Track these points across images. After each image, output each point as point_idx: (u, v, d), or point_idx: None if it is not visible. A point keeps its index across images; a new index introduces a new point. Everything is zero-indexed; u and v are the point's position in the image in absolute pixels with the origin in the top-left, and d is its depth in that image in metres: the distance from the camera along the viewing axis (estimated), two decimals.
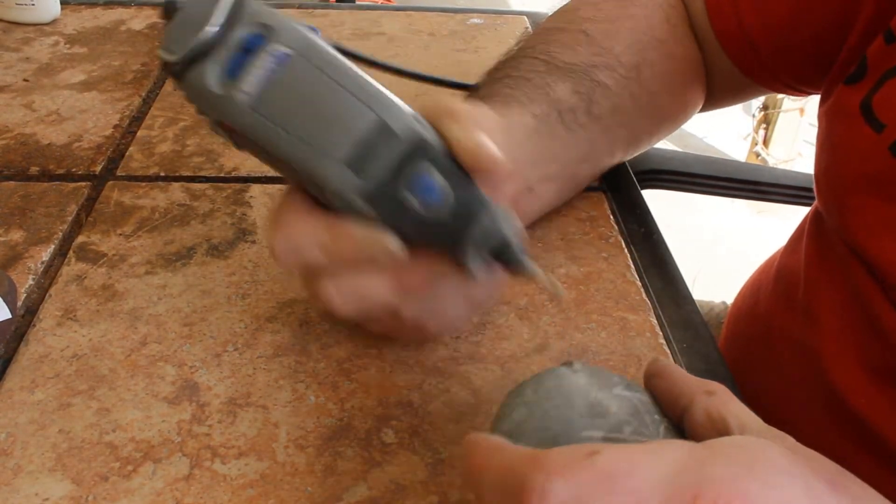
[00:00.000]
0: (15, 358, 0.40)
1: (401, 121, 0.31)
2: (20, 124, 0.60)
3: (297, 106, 0.31)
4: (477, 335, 0.43)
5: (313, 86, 0.31)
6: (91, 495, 0.34)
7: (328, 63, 0.32)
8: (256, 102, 0.31)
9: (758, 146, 2.36)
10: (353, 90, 0.31)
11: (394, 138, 0.31)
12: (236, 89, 0.31)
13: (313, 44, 0.32)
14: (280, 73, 0.31)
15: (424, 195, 0.32)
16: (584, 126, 0.49)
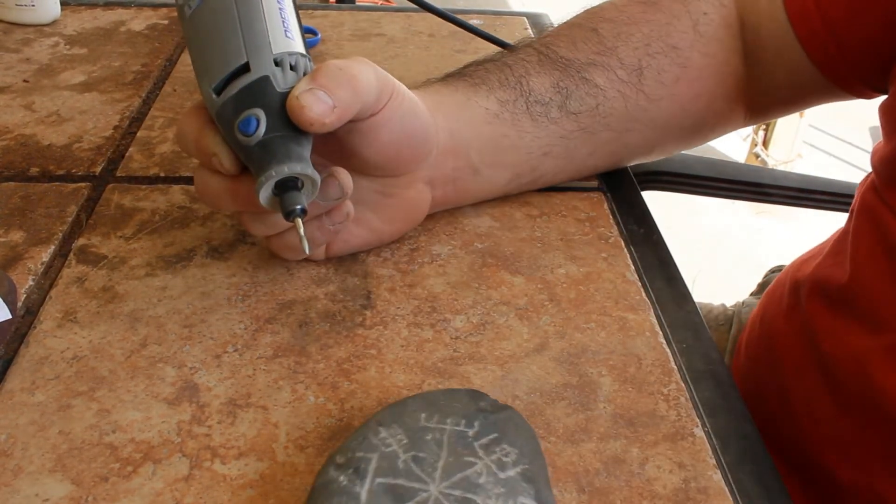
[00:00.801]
0: (15, 359, 0.40)
1: (260, 61, 0.38)
2: (20, 125, 0.60)
3: (207, 25, 0.39)
4: (477, 335, 0.43)
5: (223, 16, 0.39)
6: (91, 496, 0.34)
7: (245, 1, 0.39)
8: (191, 18, 0.40)
9: (757, 147, 2.36)
10: (244, 23, 0.38)
11: (246, 75, 0.38)
12: (186, 2, 0.40)
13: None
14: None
15: (243, 127, 0.37)
16: (555, 121, 0.49)
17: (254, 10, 0.39)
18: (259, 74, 0.38)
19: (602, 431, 0.38)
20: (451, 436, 0.32)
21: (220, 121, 0.38)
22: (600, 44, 0.51)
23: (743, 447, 0.38)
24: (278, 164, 0.37)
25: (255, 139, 0.37)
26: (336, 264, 0.47)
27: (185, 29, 0.41)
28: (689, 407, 0.39)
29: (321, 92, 0.37)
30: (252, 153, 0.38)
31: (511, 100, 0.48)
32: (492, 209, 0.52)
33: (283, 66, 0.38)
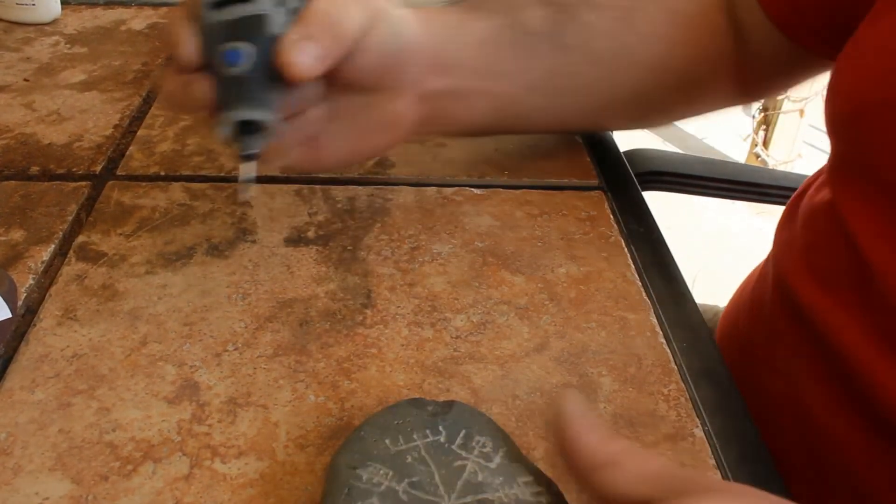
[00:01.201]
0: (15, 357, 0.40)
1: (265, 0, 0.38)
2: (20, 124, 0.60)
3: None
4: (477, 335, 0.43)
5: None
6: (91, 495, 0.34)
7: None
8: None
9: (757, 147, 2.36)
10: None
11: (247, 5, 0.38)
12: None
13: None
14: None
15: (228, 57, 0.37)
16: (543, 55, 0.49)
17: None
18: (258, 10, 0.38)
19: None
20: (428, 449, 0.32)
21: (205, 34, 0.38)
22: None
23: (743, 447, 0.38)
24: (248, 108, 0.37)
25: (235, 72, 0.38)
26: (336, 263, 0.47)
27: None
28: (689, 407, 0.39)
29: (310, 44, 0.37)
30: (227, 84, 0.38)
31: (505, 25, 0.48)
32: (492, 208, 0.52)
33: (286, 5, 0.38)
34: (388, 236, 0.49)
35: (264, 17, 0.38)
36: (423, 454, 0.32)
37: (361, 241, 0.49)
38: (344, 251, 0.48)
